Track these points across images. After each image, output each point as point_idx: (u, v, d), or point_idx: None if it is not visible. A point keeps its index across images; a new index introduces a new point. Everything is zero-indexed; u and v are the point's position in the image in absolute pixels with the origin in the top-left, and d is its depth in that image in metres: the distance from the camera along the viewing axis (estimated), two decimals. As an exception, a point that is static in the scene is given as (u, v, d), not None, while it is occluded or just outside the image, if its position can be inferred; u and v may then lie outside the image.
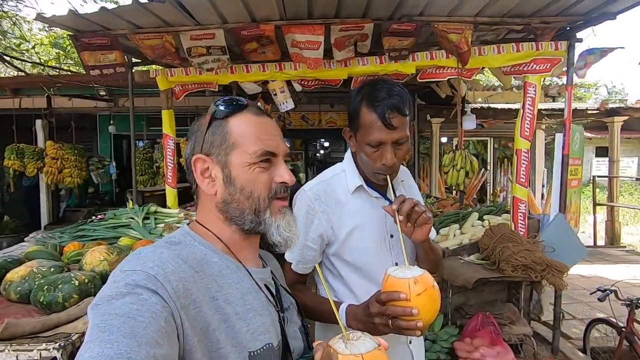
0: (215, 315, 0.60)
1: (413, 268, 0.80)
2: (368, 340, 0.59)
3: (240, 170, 0.68)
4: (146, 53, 2.60)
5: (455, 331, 2.65)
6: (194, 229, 0.70)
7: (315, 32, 2.61)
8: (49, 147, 5.42)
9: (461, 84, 3.94)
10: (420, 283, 0.76)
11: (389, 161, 0.98)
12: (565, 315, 3.70)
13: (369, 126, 0.98)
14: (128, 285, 0.53)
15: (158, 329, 0.50)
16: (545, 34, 2.70)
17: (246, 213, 0.68)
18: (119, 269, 0.57)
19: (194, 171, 0.69)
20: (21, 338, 0.98)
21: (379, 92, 0.98)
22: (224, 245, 0.69)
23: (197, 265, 0.62)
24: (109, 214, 2.29)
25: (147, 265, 0.56)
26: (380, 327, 0.82)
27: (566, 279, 2.53)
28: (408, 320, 0.76)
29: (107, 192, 7.36)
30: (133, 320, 0.49)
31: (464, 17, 2.55)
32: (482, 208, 3.55)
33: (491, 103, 5.97)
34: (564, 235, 2.80)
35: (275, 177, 0.70)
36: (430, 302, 0.77)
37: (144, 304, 0.51)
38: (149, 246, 0.63)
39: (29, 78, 5.24)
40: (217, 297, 0.62)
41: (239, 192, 0.68)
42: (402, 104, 0.96)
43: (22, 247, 1.91)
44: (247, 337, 0.63)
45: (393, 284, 0.78)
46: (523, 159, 2.81)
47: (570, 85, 2.78)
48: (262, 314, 0.67)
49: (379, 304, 0.81)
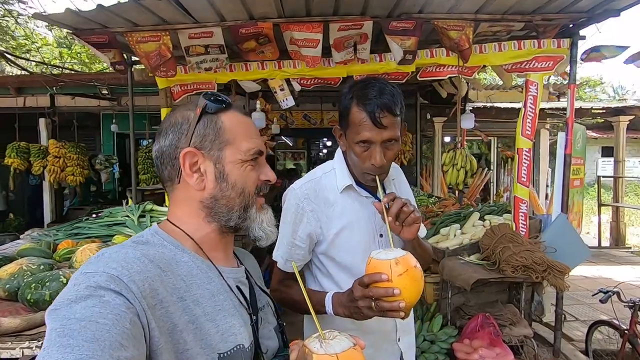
0: (182, 316, 0.59)
1: (396, 250, 0.80)
2: (344, 339, 0.58)
3: (233, 167, 0.68)
4: (143, 63, 2.59)
5: (454, 332, 2.62)
6: (164, 228, 0.69)
7: (313, 29, 2.58)
8: (52, 146, 5.45)
9: (462, 83, 3.90)
10: (402, 264, 0.76)
11: (378, 161, 0.96)
12: (568, 316, 3.65)
13: (358, 124, 0.97)
14: (89, 287, 0.51)
15: (123, 331, 0.48)
16: (547, 32, 2.66)
17: (235, 209, 0.69)
18: (79, 271, 0.55)
19: (182, 165, 0.66)
20: (4, 336, 0.98)
21: (370, 90, 0.96)
22: (195, 244, 0.68)
23: (164, 265, 0.60)
24: (105, 212, 2.29)
25: (110, 266, 0.54)
26: (365, 311, 0.82)
27: (569, 279, 2.50)
28: (390, 301, 0.76)
29: (110, 191, 7.40)
30: (95, 323, 0.47)
31: (463, 14, 2.52)
32: (484, 208, 3.51)
33: (494, 102, 5.92)
34: (566, 236, 2.76)
35: (260, 175, 0.72)
36: (412, 283, 0.77)
37: (107, 306, 0.49)
38: (114, 246, 0.61)
39: (32, 77, 5.29)
40: (185, 297, 0.60)
41: (231, 189, 0.68)
42: (393, 104, 0.95)
43: (17, 245, 1.91)
44: (217, 339, 0.61)
45: (375, 266, 0.78)
46: (524, 158, 2.77)
47: (573, 83, 2.73)
48: (233, 314, 0.65)
49: (362, 286, 0.81)
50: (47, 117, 6.10)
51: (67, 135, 6.08)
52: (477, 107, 5.32)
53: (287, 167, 8.59)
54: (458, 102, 3.84)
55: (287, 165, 8.83)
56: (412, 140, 6.03)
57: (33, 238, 2.08)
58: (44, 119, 6.13)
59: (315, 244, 1.09)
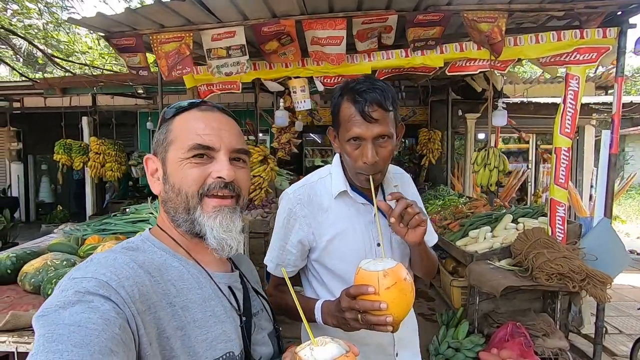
0: (171, 322, 0.58)
1: (387, 260, 0.76)
2: (335, 346, 0.56)
3: (173, 167, 0.66)
4: (161, 65, 2.65)
5: (481, 340, 2.50)
6: (155, 233, 0.68)
7: (336, 26, 2.53)
8: (92, 143, 5.80)
9: (496, 77, 3.69)
10: (390, 276, 0.72)
11: (370, 159, 0.91)
12: (612, 329, 3.38)
13: (348, 120, 0.93)
14: (78, 293, 0.50)
15: (112, 336, 0.47)
16: (591, 20, 2.44)
17: (179, 211, 0.65)
18: (67, 277, 0.54)
19: (146, 171, 0.69)
20: (23, 330, 1.03)
21: (360, 86, 0.92)
22: (184, 249, 0.67)
23: (154, 271, 0.59)
24: (131, 209, 2.38)
25: (99, 272, 0.53)
26: (351, 322, 0.78)
27: (615, 289, 2.31)
28: (377, 314, 0.72)
29: (146, 186, 7.76)
30: (84, 328, 0.46)
31: (496, 4, 2.36)
32: (517, 210, 3.31)
33: (532, 97, 5.57)
34: (609, 243, 2.54)
35: (212, 172, 0.66)
36: (401, 296, 0.72)
37: (96, 311, 0.48)
38: (103, 252, 0.61)
39: (75, 78, 5.62)
40: (174, 303, 0.59)
41: (171, 190, 0.66)
42: (383, 98, 0.90)
43: (50, 238, 2.03)
44: (205, 346, 0.60)
45: (363, 277, 0.75)
46: (563, 158, 2.57)
47: (620, 76, 2.50)
48: (224, 320, 0.64)
49: (349, 297, 0.77)
50: (89, 116, 6.50)
51: (106, 133, 6.44)
52: (513, 102, 5.04)
53: (316, 164, 8.58)
54: (489, 98, 3.63)
55: (316, 162, 8.82)
56: (441, 138, 5.82)
57: (65, 232, 2.20)
58: (86, 118, 6.53)
59: (308, 251, 1.06)
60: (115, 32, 2.64)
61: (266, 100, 6.04)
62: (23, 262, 1.46)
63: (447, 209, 3.97)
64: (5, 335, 0.99)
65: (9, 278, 1.48)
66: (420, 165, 6.28)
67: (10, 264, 1.46)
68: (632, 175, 6.24)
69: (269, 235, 3.28)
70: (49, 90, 6.05)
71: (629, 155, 11.31)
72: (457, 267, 3.45)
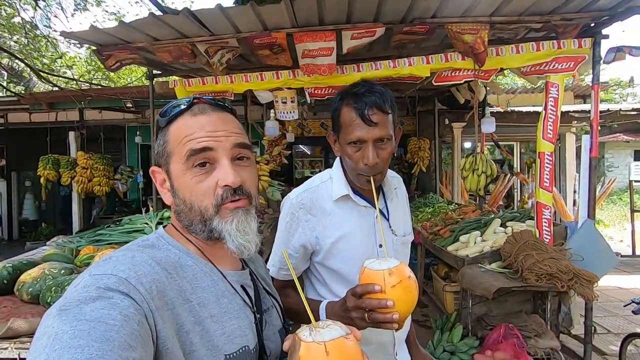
0: (189, 318, 0.59)
1: (390, 260, 0.78)
2: (336, 328, 0.56)
3: (179, 180, 0.65)
4: (163, 57, 2.68)
5: (475, 343, 2.53)
6: (169, 231, 0.70)
7: (327, 38, 2.62)
8: (80, 157, 5.72)
9: (480, 87, 3.83)
10: (396, 274, 0.74)
11: (371, 160, 0.94)
12: (600, 329, 3.46)
13: (348, 124, 0.96)
14: (99, 289, 0.51)
15: (131, 332, 0.49)
16: (567, 32, 2.58)
17: (194, 222, 0.65)
18: (87, 273, 0.56)
19: (155, 183, 0.70)
20: (25, 337, 1.02)
21: (359, 90, 0.96)
22: (197, 248, 0.68)
23: (170, 268, 0.61)
24: (125, 220, 2.37)
25: (119, 269, 0.55)
26: (358, 322, 0.79)
27: (601, 290, 2.38)
28: (384, 312, 0.74)
29: (135, 200, 7.65)
30: (104, 324, 0.47)
31: (478, 17, 2.48)
32: (505, 214, 3.40)
33: (516, 106, 5.77)
34: (594, 243, 2.63)
35: (218, 180, 0.63)
36: (406, 294, 0.74)
37: (116, 307, 0.50)
38: (121, 249, 0.62)
39: (63, 92, 5.58)
40: (191, 299, 0.61)
41: (183, 204, 0.65)
42: (382, 101, 0.94)
43: (43, 250, 2.01)
44: (223, 340, 0.61)
45: (368, 277, 0.76)
46: (547, 162, 2.67)
47: (596, 84, 2.64)
48: (238, 316, 0.66)
49: (355, 297, 0.79)
50: (76, 131, 6.42)
51: (94, 148, 6.36)
52: (497, 111, 5.20)
53: (305, 175, 8.63)
54: (475, 107, 3.76)
55: (305, 173, 8.87)
56: (430, 147, 5.94)
57: (58, 244, 2.17)
58: (74, 132, 6.45)
59: (311, 254, 1.08)
60: (108, 44, 2.66)
61: (256, 112, 6.10)
62: (19, 272, 1.43)
63: (437, 216, 4.04)
64: (6, 342, 0.99)
65: (5, 288, 1.46)
66: (410, 173, 6.38)
67: (6, 274, 1.44)
68: (612, 180, 6.46)
69: (263, 244, 3.28)
70: (35, 106, 5.98)
71: (609, 161, 11.70)
72: (449, 272, 3.50)
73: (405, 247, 1.14)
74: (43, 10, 7.11)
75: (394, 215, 1.11)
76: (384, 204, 1.10)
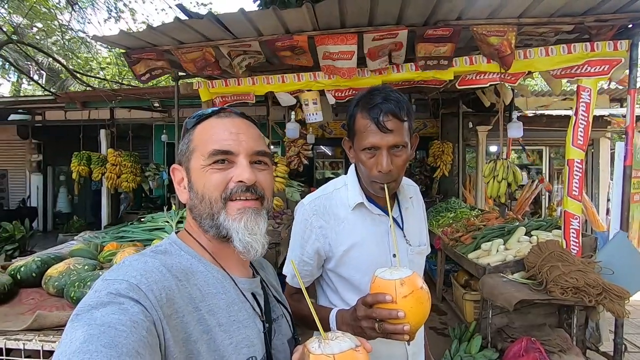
0: (197, 326, 0.59)
1: (402, 269, 0.76)
2: (345, 340, 0.56)
3: (196, 175, 0.67)
4: (188, 67, 2.76)
5: (494, 355, 2.45)
6: (182, 237, 0.71)
7: (348, 41, 2.60)
8: (110, 155, 5.98)
9: (506, 90, 3.70)
10: (407, 285, 0.72)
11: (385, 167, 0.93)
12: (630, 347, 3.27)
13: (363, 131, 0.95)
14: (110, 294, 0.52)
15: (139, 339, 0.49)
16: (601, 33, 2.45)
17: (204, 217, 0.67)
18: (101, 278, 0.57)
19: (173, 180, 0.72)
20: (49, 330, 1.07)
21: (375, 97, 0.95)
22: (210, 254, 0.69)
23: (181, 275, 0.62)
24: (147, 217, 2.45)
25: (130, 274, 0.56)
26: (368, 331, 0.78)
27: (634, 305, 2.25)
28: (394, 323, 0.72)
29: (160, 197, 7.89)
30: (114, 329, 0.48)
31: (505, 18, 2.40)
32: (531, 222, 3.27)
33: (545, 110, 5.54)
34: (627, 257, 2.49)
35: (233, 176, 0.66)
36: (418, 305, 0.72)
37: (126, 313, 0.51)
38: (134, 255, 0.64)
39: (95, 92, 5.83)
40: (200, 307, 0.61)
41: (195, 197, 0.67)
42: (398, 109, 0.92)
43: (71, 245, 2.11)
44: (230, 350, 0.61)
45: (379, 286, 0.74)
46: (576, 170, 2.55)
47: (633, 88, 2.50)
48: (247, 326, 0.66)
49: (365, 306, 0.77)
50: (107, 129, 6.71)
51: (123, 145, 6.62)
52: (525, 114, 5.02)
53: (326, 176, 8.65)
54: (500, 111, 3.64)
55: (326, 174, 8.90)
56: (453, 150, 5.81)
57: (85, 239, 2.27)
58: (104, 130, 6.75)
59: (324, 261, 1.07)
60: (136, 48, 2.76)
61: (278, 112, 6.15)
62: (47, 266, 1.52)
63: (458, 222, 3.95)
64: (31, 334, 1.05)
65: (34, 281, 1.53)
66: (431, 177, 6.26)
67: (35, 267, 1.52)
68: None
69: (280, 245, 3.31)
70: (70, 104, 6.29)
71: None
72: (470, 280, 3.40)
73: (420, 258, 1.12)
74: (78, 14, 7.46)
75: (409, 225, 1.09)
76: (399, 213, 1.08)
